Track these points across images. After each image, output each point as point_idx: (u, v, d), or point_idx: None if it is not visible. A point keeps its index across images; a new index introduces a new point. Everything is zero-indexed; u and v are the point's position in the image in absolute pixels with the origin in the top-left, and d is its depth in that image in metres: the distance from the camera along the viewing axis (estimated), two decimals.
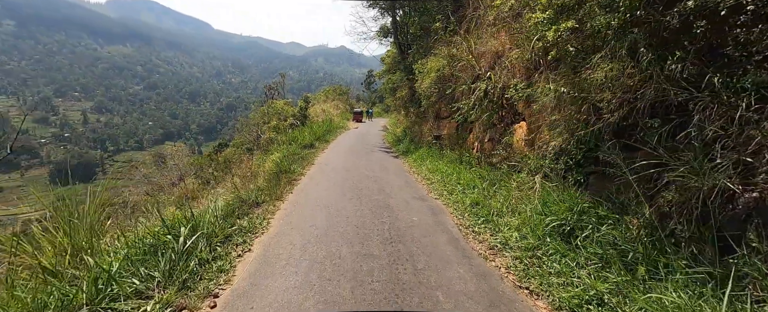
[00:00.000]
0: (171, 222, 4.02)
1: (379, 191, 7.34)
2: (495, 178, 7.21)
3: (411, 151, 13.71)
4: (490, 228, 5.31)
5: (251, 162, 11.24)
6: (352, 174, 9.07)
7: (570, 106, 4.74)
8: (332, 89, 45.15)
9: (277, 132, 15.93)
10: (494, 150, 8.02)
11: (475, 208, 6.15)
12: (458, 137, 11.14)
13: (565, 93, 4.48)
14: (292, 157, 10.51)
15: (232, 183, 7.33)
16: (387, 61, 30.79)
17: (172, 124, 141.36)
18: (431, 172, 9.62)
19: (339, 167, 10.03)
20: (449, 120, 11.92)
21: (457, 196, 7.05)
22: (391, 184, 8.23)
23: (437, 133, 12.83)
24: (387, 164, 11.25)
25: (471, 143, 9.95)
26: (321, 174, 8.88)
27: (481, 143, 8.92)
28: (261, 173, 8.86)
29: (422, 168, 10.38)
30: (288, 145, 12.61)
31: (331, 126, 21.75)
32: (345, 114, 36.45)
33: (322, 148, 14.05)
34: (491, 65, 8.76)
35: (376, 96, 58.71)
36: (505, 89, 7.67)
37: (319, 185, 7.62)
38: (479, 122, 9.03)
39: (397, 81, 25.82)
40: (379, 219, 5.47)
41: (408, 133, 16.59)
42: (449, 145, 11.41)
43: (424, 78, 11.73)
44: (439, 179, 8.66)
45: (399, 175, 9.45)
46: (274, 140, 14.00)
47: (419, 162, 11.28)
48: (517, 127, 7.54)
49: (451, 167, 9.23)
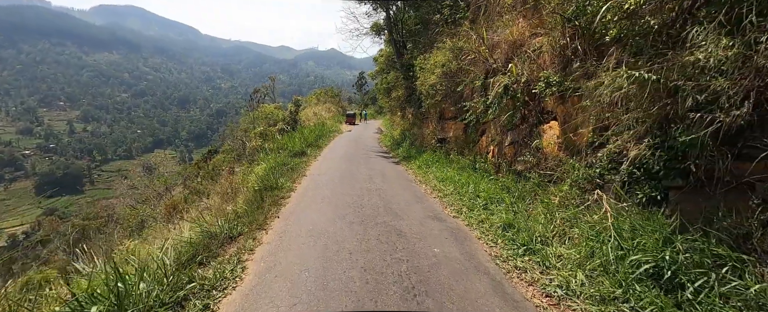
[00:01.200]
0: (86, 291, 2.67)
1: (385, 210, 6.05)
2: (525, 191, 5.97)
3: (413, 156, 12.45)
4: (538, 262, 4.05)
5: (233, 176, 9.88)
6: (350, 187, 7.76)
7: (646, 100, 3.50)
8: (323, 91, 43.74)
9: (264, 139, 14.55)
10: (518, 155, 6.78)
11: (508, 232, 4.89)
12: (467, 140, 9.91)
13: (650, 80, 3.22)
14: (280, 168, 9.16)
15: (199, 214, 5.95)
16: (380, 60, 29.56)
17: (162, 131, 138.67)
18: (441, 181, 8.36)
19: (335, 179, 8.71)
20: (455, 121, 10.69)
21: (480, 214, 5.79)
22: (397, 198, 6.94)
23: (442, 135, 11.59)
24: (388, 172, 9.97)
25: (484, 147, 8.71)
26: (314, 189, 7.55)
27: (499, 147, 7.67)
28: (243, 190, 7.51)
29: (429, 176, 9.12)
30: (276, 153, 11.25)
31: (324, 130, 20.40)
32: (337, 117, 35.10)
33: (314, 155, 12.72)
34: (508, 56, 7.54)
35: (369, 98, 57.73)
36: (531, 83, 6.44)
37: (311, 205, 6.30)
38: (495, 123, 7.80)
39: (392, 81, 24.56)
40: (391, 254, 4.18)
41: (407, 135, 15.33)
42: (457, 149, 10.18)
43: (426, 75, 10.48)
44: (452, 191, 7.40)
45: (404, 186, 8.17)
46: (261, 148, 12.61)
47: (424, 169, 10.02)
48: (546, 128, 6.31)
49: (464, 176, 7.98)
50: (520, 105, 6.61)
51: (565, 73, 5.66)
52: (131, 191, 33.19)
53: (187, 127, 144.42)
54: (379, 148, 16.84)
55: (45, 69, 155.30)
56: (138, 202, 29.23)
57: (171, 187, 32.35)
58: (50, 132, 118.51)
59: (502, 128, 7.47)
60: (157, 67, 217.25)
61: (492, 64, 7.92)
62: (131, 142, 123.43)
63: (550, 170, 5.80)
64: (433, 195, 7.47)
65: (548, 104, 6.28)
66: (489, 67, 8.05)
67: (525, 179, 6.41)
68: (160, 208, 25.18)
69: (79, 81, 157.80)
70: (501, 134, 7.57)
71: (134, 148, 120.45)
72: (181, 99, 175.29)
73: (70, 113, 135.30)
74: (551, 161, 5.92)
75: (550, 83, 5.74)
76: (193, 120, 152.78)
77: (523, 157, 6.44)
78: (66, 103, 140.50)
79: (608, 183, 4.60)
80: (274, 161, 9.51)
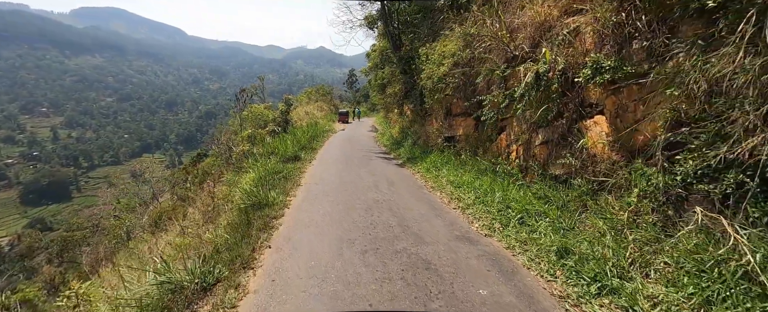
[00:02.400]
0: None
1: (402, 229, 4.94)
2: (570, 201, 4.90)
3: (417, 157, 11.35)
4: (625, 309, 2.97)
5: (216, 188, 8.65)
6: (354, 198, 6.63)
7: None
8: (315, 90, 42.43)
9: (253, 143, 13.27)
10: (554, 157, 5.71)
11: (567, 259, 3.81)
12: (479, 138, 8.82)
13: None
14: (271, 177, 7.97)
15: (162, 254, 4.73)
16: (373, 55, 28.41)
17: (150, 135, 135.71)
18: (457, 187, 7.28)
19: (335, 188, 7.56)
20: (466, 117, 9.60)
21: (519, 232, 4.72)
22: (412, 212, 5.83)
23: (449, 133, 10.50)
24: (394, 177, 8.85)
25: (503, 146, 7.63)
26: (311, 203, 6.39)
27: (526, 147, 6.59)
28: (227, 208, 6.34)
29: (441, 181, 8.03)
30: (267, 158, 10.05)
31: (317, 130, 19.19)
32: (330, 115, 33.88)
33: (309, 159, 11.53)
34: (534, 41, 6.45)
35: (361, 95, 56.69)
36: (570, 71, 5.37)
37: (310, 226, 5.15)
38: (520, 119, 6.72)
39: (388, 76, 23.43)
40: (426, 303, 3.07)
41: (409, 134, 14.20)
42: (468, 148, 9.09)
43: (432, 67, 9.35)
44: (473, 199, 6.31)
45: (417, 195, 7.06)
46: (249, 153, 11.37)
47: (434, 172, 8.92)
48: (589, 124, 5.24)
49: (485, 181, 6.90)
50: (555, 97, 5.52)
51: (621, 56, 4.58)
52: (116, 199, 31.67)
53: (176, 130, 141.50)
54: (377, 148, 15.71)
55: (25, 75, 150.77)
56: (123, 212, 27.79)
57: (158, 193, 30.90)
58: (33, 139, 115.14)
59: (530, 125, 6.39)
60: (143, 70, 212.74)
61: (513, 51, 6.84)
62: (118, 148, 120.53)
63: (601, 175, 4.73)
64: (452, 205, 6.37)
65: (592, 95, 5.21)
66: (509, 55, 6.96)
67: (565, 186, 5.35)
68: (147, 216, 23.81)
69: (61, 86, 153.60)
70: (528, 132, 6.49)
71: (122, 154, 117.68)
72: (168, 102, 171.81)
73: (54, 119, 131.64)
74: (602, 164, 4.85)
75: (600, 69, 4.66)
76: (182, 123, 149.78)
77: (562, 160, 5.36)
78: (49, 109, 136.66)
79: (695, 195, 3.55)
80: (263, 169, 8.32)
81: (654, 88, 4.24)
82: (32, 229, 55.25)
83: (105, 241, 24.10)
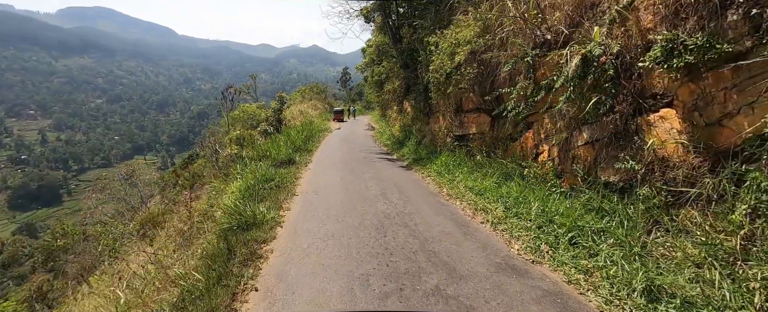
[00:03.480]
0: None
1: (426, 256, 3.90)
2: (635, 216, 3.88)
3: (424, 157, 10.31)
4: None
5: (192, 201, 7.50)
6: (361, 212, 5.57)
7: None
8: (309, 88, 41.22)
9: (241, 145, 12.10)
10: (605, 159, 4.69)
11: (664, 306, 2.78)
12: (497, 138, 7.79)
13: None
14: (261, 186, 6.85)
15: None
16: (369, 51, 27.30)
17: (141, 136, 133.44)
18: (478, 195, 6.25)
19: (336, 198, 6.49)
20: (480, 113, 8.57)
21: (577, 258, 3.69)
22: (433, 229, 4.79)
23: (461, 131, 9.46)
24: (403, 182, 7.80)
25: (530, 146, 6.61)
26: (310, 220, 5.29)
27: (564, 147, 5.56)
28: (207, 227, 5.24)
29: (458, 187, 7.00)
30: (257, 163, 8.91)
31: (312, 129, 18.06)
32: (325, 114, 32.74)
33: (304, 162, 10.43)
34: (573, 21, 5.42)
35: (355, 93, 55.86)
36: (630, 53, 4.35)
37: (309, 254, 4.07)
38: (556, 114, 5.69)
39: (385, 72, 22.34)
40: None
41: (413, 133, 13.14)
42: (484, 148, 8.06)
43: (442, 58, 8.29)
44: (503, 211, 5.28)
45: (434, 206, 6.01)
46: (238, 158, 10.19)
47: (447, 176, 7.89)
48: (653, 119, 4.22)
49: (512, 187, 5.87)
50: (609, 87, 4.48)
51: (707, 32, 3.54)
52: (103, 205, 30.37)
53: (168, 131, 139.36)
54: (378, 148, 14.66)
55: (11, 77, 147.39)
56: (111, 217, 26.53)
57: (147, 198, 29.60)
58: (21, 143, 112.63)
59: (569, 121, 5.35)
60: (133, 71, 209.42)
61: (544, 35, 5.80)
62: (109, 150, 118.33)
63: (679, 184, 3.72)
64: (478, 219, 5.33)
65: (657, 83, 4.20)
66: (539, 40, 5.92)
67: (623, 195, 4.33)
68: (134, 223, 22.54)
69: (49, 88, 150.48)
70: (567, 129, 5.45)
71: (113, 156, 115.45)
72: (160, 102, 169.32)
73: (42, 122, 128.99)
74: (677, 170, 3.84)
75: (678, 49, 3.63)
76: (174, 123, 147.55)
77: (620, 163, 4.33)
78: (37, 112, 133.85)
79: None
80: (253, 177, 7.19)
81: (758, 71, 3.23)
82: (19, 235, 53.58)
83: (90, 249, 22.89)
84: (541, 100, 5.68)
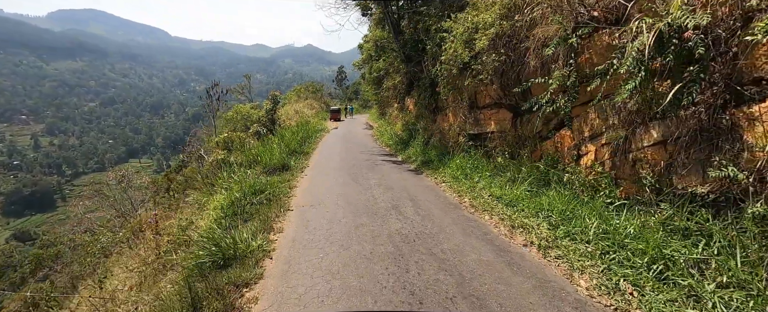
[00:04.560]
0: None
1: (470, 305, 2.82)
2: (758, 246, 2.83)
3: (434, 159, 9.25)
4: None
5: (158, 224, 6.36)
6: (371, 234, 4.49)
7: None
8: (304, 87, 40.08)
9: (229, 149, 10.94)
10: (685, 165, 3.64)
11: None
12: (522, 136, 6.74)
13: None
14: (248, 200, 5.72)
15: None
16: (367, 46, 26.15)
17: (135, 139, 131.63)
18: (510, 206, 5.22)
19: (339, 214, 5.40)
20: (497, 109, 7.52)
21: (681, 308, 2.63)
22: (467, 257, 3.74)
23: (476, 130, 8.40)
24: (415, 190, 6.74)
25: (566, 147, 5.55)
26: (307, 248, 4.16)
27: (619, 148, 4.50)
28: (176, 261, 4.15)
29: (482, 195, 5.95)
30: (246, 170, 7.79)
31: (308, 130, 16.95)
32: (321, 113, 31.63)
33: (300, 167, 9.33)
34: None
35: (351, 92, 55.11)
36: (722, 27, 3.30)
37: (307, 302, 3.00)
38: (600, 107, 4.65)
39: (384, 67, 21.20)
40: None
41: (419, 132, 12.04)
42: (507, 149, 7.01)
43: (456, 47, 7.21)
44: (548, 230, 4.23)
45: (459, 223, 4.95)
46: (225, 164, 9.05)
47: (465, 182, 6.84)
48: (761, 111, 3.18)
49: (554, 198, 4.83)
50: (696, 70, 3.42)
51: None
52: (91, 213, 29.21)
53: (163, 134, 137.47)
54: (379, 149, 13.59)
55: (2, 81, 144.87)
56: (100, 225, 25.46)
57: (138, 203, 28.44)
58: (13, 148, 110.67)
59: (629, 115, 4.30)
60: (126, 73, 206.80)
61: (590, 11, 4.73)
62: (103, 154, 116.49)
63: None
64: (518, 240, 4.28)
65: (764, 65, 3.14)
66: (582, 18, 4.85)
67: (717, 211, 3.28)
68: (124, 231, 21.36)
69: (40, 92, 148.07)
70: (626, 125, 4.39)
71: (107, 160, 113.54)
72: (154, 105, 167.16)
73: (34, 127, 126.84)
74: None
75: None
76: (169, 126, 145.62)
77: (715, 170, 3.27)
78: (29, 117, 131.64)
79: None
80: (239, 189, 6.09)
81: None
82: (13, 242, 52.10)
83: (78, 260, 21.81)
84: (585, 90, 4.61)
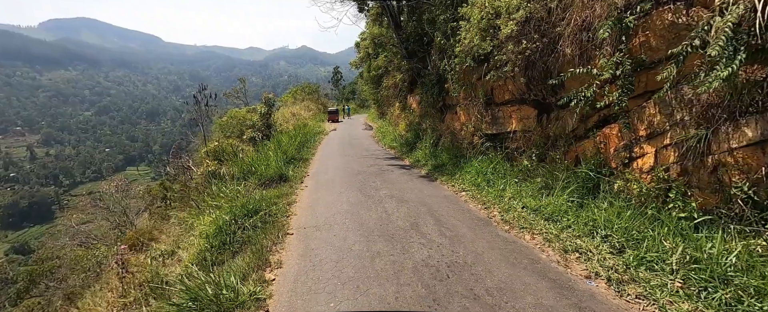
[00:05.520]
0: None
1: None
2: None
3: (447, 164, 8.41)
4: None
5: (125, 258, 5.44)
6: (392, 269, 3.66)
7: None
8: (300, 88, 39.15)
9: (220, 159, 10.03)
10: None
11: None
12: (550, 136, 5.86)
13: None
14: (240, 225, 4.82)
15: None
16: (364, 44, 25.29)
17: (132, 147, 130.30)
18: (551, 221, 4.43)
19: (348, 241, 4.56)
20: (519, 105, 6.66)
21: None
22: (519, 303, 2.85)
23: (494, 129, 7.56)
24: (434, 203, 5.90)
25: (612, 148, 4.67)
26: (313, 296, 3.20)
27: (693, 150, 3.61)
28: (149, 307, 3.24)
29: (515, 207, 5.12)
30: (239, 184, 6.90)
31: (307, 133, 16.06)
32: (319, 115, 30.76)
33: (299, 177, 8.47)
34: None
35: (348, 92, 54.42)
36: None
37: None
38: (662, 101, 3.75)
39: (384, 65, 20.28)
40: None
41: (427, 133, 11.14)
42: (535, 151, 6.13)
43: (471, 36, 6.30)
44: (613, 254, 3.36)
45: (497, 247, 4.14)
46: (215, 176, 8.14)
47: (490, 191, 6.05)
48: None
49: (610, 212, 3.93)
50: None
51: None
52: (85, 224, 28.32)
53: (160, 141, 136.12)
54: (383, 152, 12.74)
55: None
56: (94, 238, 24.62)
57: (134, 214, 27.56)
58: (9, 160, 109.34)
59: (706, 109, 3.41)
60: (120, 81, 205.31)
61: None
62: (100, 162, 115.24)
63: None
64: (579, 269, 3.50)
65: None
66: None
67: None
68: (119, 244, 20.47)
69: (35, 103, 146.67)
70: (701, 121, 3.50)
71: (104, 168, 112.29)
72: (149, 112, 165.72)
73: (30, 138, 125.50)
74: None
75: None
76: (166, 132, 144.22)
77: None
78: (23, 128, 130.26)
79: None
80: (230, 207, 5.20)
81: None
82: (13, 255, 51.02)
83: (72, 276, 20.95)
84: (640, 80, 3.72)
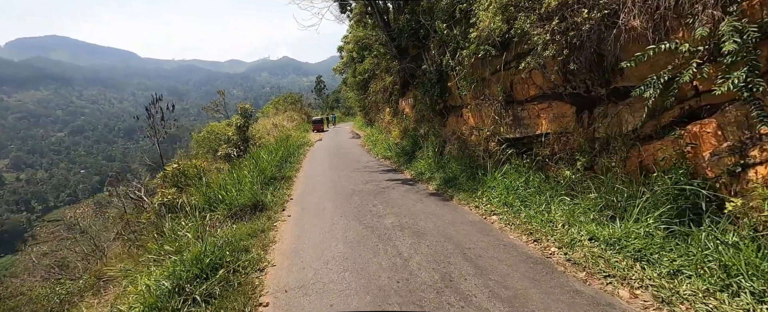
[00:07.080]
0: None
1: None
2: None
3: (459, 176, 6.95)
4: None
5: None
6: None
7: None
8: (283, 99, 37.47)
9: (180, 186, 8.28)
10: None
11: None
12: (592, 137, 4.50)
13: None
14: (190, 293, 3.23)
15: None
16: (348, 47, 23.79)
17: (110, 167, 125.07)
18: (650, 264, 2.93)
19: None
20: (548, 102, 5.30)
21: None
22: None
23: (517, 132, 6.16)
24: (462, 237, 4.42)
25: (704, 152, 3.30)
26: None
27: None
28: None
29: (577, 238, 3.65)
30: (200, 218, 5.24)
31: (290, 146, 14.43)
32: (303, 125, 29.07)
33: (280, 203, 6.88)
34: None
35: (332, 100, 53.30)
36: None
37: None
38: None
39: (371, 68, 18.83)
40: None
41: (430, 140, 9.64)
42: (578, 158, 4.74)
43: (487, 20, 4.90)
44: None
45: None
46: (172, 209, 6.45)
47: (534, 216, 4.52)
48: None
49: (750, 253, 2.51)
50: None
51: None
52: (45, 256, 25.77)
53: (139, 159, 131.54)
54: (377, 163, 11.26)
55: None
56: (58, 270, 22.24)
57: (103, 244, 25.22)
58: None
59: None
60: (95, 99, 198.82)
61: None
62: (76, 185, 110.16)
63: None
64: None
65: None
66: None
67: None
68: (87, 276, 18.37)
69: (3, 126, 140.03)
70: None
71: (80, 191, 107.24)
72: (127, 129, 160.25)
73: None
74: None
75: None
76: (145, 150, 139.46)
77: None
78: None
79: None
80: (172, 271, 3.50)
81: None
82: None
83: None
84: None
